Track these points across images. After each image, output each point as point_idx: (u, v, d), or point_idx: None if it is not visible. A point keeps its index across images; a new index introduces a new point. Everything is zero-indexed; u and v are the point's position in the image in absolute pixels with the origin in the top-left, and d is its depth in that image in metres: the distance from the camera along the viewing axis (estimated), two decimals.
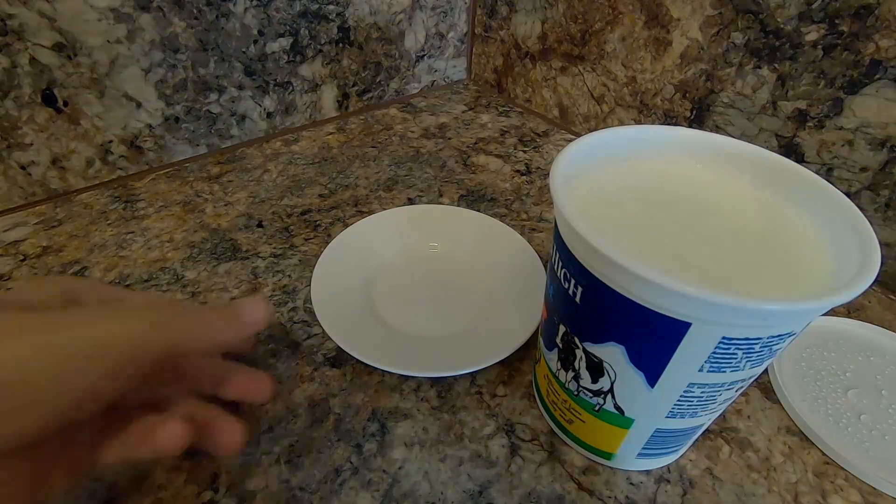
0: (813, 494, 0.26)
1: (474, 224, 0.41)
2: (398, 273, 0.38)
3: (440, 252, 0.40)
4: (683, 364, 0.19)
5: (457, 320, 0.34)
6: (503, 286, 0.36)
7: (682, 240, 0.21)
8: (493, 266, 0.38)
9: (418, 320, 0.34)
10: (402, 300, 0.36)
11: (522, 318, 0.33)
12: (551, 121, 0.59)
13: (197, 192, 0.46)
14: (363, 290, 0.36)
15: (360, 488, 0.26)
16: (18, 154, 0.41)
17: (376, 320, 0.34)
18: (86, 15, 0.39)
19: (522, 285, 0.35)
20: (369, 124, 0.57)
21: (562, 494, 0.26)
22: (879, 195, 0.37)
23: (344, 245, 0.38)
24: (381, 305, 0.35)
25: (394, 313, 0.35)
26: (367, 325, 0.33)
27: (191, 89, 0.47)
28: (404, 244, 0.40)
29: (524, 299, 0.34)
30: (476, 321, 0.34)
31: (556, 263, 0.22)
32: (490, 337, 0.32)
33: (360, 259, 0.38)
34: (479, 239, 0.40)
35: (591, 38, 0.51)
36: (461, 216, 0.42)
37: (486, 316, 0.34)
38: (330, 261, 0.36)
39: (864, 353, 0.33)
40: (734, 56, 0.41)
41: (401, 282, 0.37)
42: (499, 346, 0.31)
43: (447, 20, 0.61)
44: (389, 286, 0.37)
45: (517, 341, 0.31)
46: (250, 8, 0.46)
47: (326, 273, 0.35)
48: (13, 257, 0.38)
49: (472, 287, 0.37)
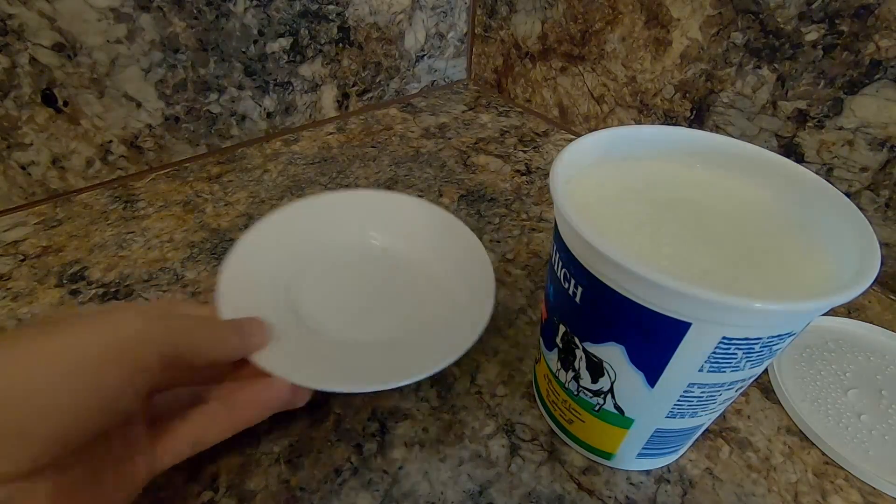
0: (813, 494, 0.26)
1: (420, 214, 0.36)
2: (330, 270, 0.33)
3: (379, 244, 0.36)
4: (683, 364, 0.19)
5: (397, 324, 0.31)
6: (450, 282, 0.33)
7: (681, 240, 0.21)
8: (439, 260, 0.34)
9: (352, 325, 0.30)
10: (332, 302, 0.31)
11: (471, 317, 0.29)
12: (551, 121, 0.59)
13: (197, 192, 0.46)
14: (285, 291, 0.31)
15: (360, 488, 0.26)
16: (18, 154, 0.41)
17: (300, 327, 0.29)
18: (86, 15, 0.39)
19: (471, 282, 0.32)
20: (369, 124, 0.57)
21: (562, 494, 0.26)
22: (879, 195, 0.37)
23: (262, 239, 0.33)
24: (307, 309, 0.30)
25: (322, 318, 0.30)
26: (288, 331, 0.28)
27: (191, 89, 0.47)
28: (338, 236, 0.35)
29: (472, 296, 0.31)
30: (421, 323, 0.31)
31: (556, 263, 0.22)
32: (436, 340, 0.29)
33: (281, 255, 0.33)
34: (426, 230, 0.36)
35: (591, 38, 0.51)
36: (407, 205, 0.37)
37: (432, 317, 0.31)
38: (243, 258, 0.31)
39: (864, 353, 0.33)
40: (734, 56, 0.41)
41: (333, 280, 0.33)
42: (445, 350, 0.27)
43: (447, 20, 0.61)
44: (318, 286, 0.32)
45: (465, 343, 0.27)
46: (250, 8, 0.46)
47: (238, 274, 0.30)
48: (13, 257, 0.38)
49: (417, 284, 0.33)
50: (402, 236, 0.36)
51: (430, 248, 0.35)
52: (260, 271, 0.31)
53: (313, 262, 0.34)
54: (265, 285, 0.30)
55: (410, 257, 0.35)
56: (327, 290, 0.32)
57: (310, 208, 0.35)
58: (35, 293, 0.36)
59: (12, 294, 0.35)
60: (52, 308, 0.35)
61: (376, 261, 0.35)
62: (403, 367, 0.26)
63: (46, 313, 0.34)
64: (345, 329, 0.30)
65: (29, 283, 0.36)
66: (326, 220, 0.35)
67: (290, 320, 0.29)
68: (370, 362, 0.28)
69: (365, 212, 0.37)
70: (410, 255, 0.35)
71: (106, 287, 0.36)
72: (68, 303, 0.35)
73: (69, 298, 0.35)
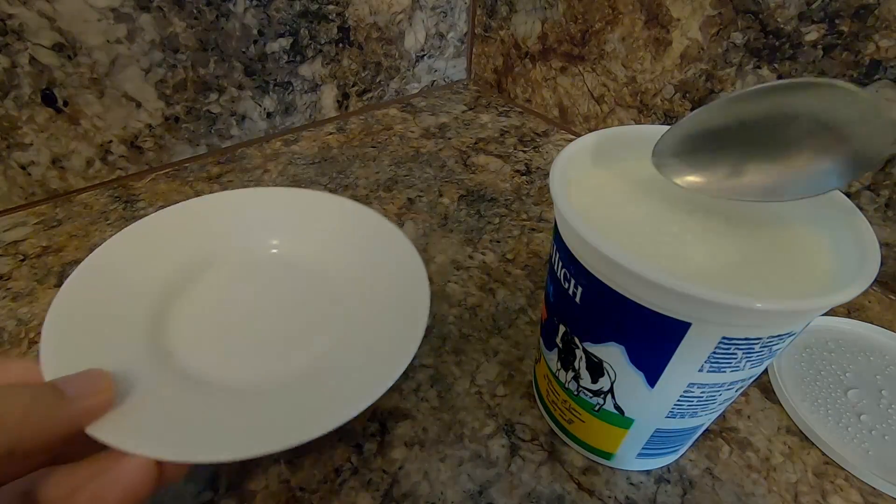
0: (813, 494, 0.26)
1: (339, 217, 0.30)
2: (212, 292, 0.26)
3: (281, 254, 0.29)
4: (683, 364, 0.19)
5: (297, 362, 0.24)
6: (371, 299, 0.26)
7: (681, 240, 0.21)
8: (358, 272, 0.28)
9: (239, 365, 0.24)
10: (213, 335, 0.25)
11: (395, 342, 0.24)
12: (551, 121, 0.59)
13: (197, 192, 0.46)
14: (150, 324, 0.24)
15: (360, 488, 0.26)
16: (18, 154, 0.41)
17: (165, 372, 0.22)
18: (86, 15, 0.39)
19: (401, 303, 0.26)
20: (369, 124, 0.57)
21: (562, 494, 0.26)
22: (879, 195, 0.37)
23: (115, 257, 0.25)
24: (179, 347, 0.24)
25: (199, 358, 0.23)
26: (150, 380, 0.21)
27: (191, 89, 0.47)
28: (226, 246, 0.28)
29: (398, 316, 0.25)
30: (331, 355, 0.25)
31: (556, 263, 0.22)
32: (347, 379, 0.23)
33: (144, 277, 0.25)
34: (345, 238, 0.29)
35: (591, 38, 0.51)
36: (322, 206, 0.30)
37: (343, 351, 0.25)
38: (84, 286, 0.23)
39: (864, 353, 0.33)
40: (734, 56, 0.41)
41: (216, 305, 0.26)
42: (360, 390, 0.22)
43: (447, 20, 0.61)
44: (196, 314, 0.25)
45: (386, 379, 0.22)
46: (250, 8, 0.46)
47: (77, 308, 0.23)
48: (13, 257, 0.38)
49: (327, 307, 0.27)
50: (312, 245, 0.29)
51: (348, 260, 0.28)
52: (111, 301, 0.24)
53: (191, 282, 0.26)
54: (119, 320, 0.23)
55: (321, 272, 0.28)
56: (207, 320, 0.25)
57: (188, 213, 0.28)
58: (35, 293, 0.36)
59: (12, 294, 0.35)
60: None
61: (276, 278, 0.28)
62: (300, 421, 0.21)
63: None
64: (229, 371, 0.23)
65: (29, 283, 0.36)
66: (213, 227, 0.28)
67: (153, 364, 0.22)
68: (262, 415, 0.21)
69: (265, 215, 0.30)
70: (322, 270, 0.28)
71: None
72: None
73: None
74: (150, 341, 0.23)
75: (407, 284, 0.26)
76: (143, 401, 0.20)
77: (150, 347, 0.23)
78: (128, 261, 0.26)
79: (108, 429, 0.18)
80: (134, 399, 0.20)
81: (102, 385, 0.19)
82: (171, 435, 0.19)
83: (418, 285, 0.26)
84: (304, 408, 0.22)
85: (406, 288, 0.26)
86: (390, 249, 0.28)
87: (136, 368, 0.21)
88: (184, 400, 0.21)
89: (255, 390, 0.23)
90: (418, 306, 0.25)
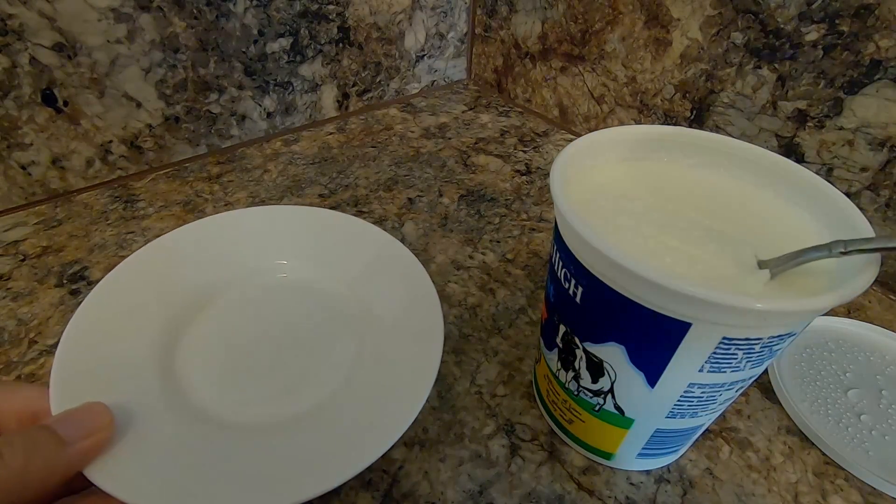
0: (813, 494, 0.26)
1: (349, 237, 0.29)
2: (222, 318, 0.25)
3: (291, 279, 0.28)
4: (683, 364, 0.19)
5: (312, 392, 0.23)
6: (386, 328, 0.25)
7: (681, 240, 0.21)
8: (370, 297, 0.27)
9: (250, 399, 0.23)
10: (220, 366, 0.24)
11: (409, 381, 0.22)
12: (551, 121, 0.59)
13: (197, 192, 0.46)
14: (161, 355, 0.23)
15: (360, 488, 0.26)
16: (18, 154, 0.41)
17: (176, 408, 0.22)
18: (86, 15, 0.39)
19: (414, 328, 0.24)
20: (369, 124, 0.57)
21: (562, 494, 0.26)
22: (879, 195, 0.37)
23: (127, 284, 0.25)
24: (189, 380, 0.23)
25: (209, 391, 0.23)
26: (157, 418, 0.21)
27: (191, 89, 0.47)
28: (235, 268, 0.27)
29: (414, 347, 0.24)
30: (343, 391, 0.23)
31: (556, 263, 0.22)
32: (362, 418, 0.22)
33: (157, 303, 0.25)
34: (355, 259, 0.28)
35: (591, 38, 0.51)
36: (330, 225, 0.29)
37: (359, 382, 0.24)
38: (95, 312, 0.23)
39: (864, 353, 0.33)
40: (734, 56, 0.41)
41: (225, 332, 0.25)
42: (375, 433, 0.21)
43: (447, 20, 0.61)
44: (206, 343, 0.24)
45: (402, 420, 0.21)
46: (250, 8, 0.46)
47: (88, 339, 0.22)
48: (13, 257, 0.38)
49: (339, 333, 0.26)
50: (322, 268, 0.28)
51: (360, 283, 0.27)
52: (122, 329, 0.23)
53: (200, 308, 0.26)
54: (129, 349, 0.23)
55: (331, 297, 0.27)
56: (216, 350, 0.24)
57: (196, 234, 0.27)
58: (35, 293, 0.36)
59: (12, 294, 0.35)
60: (53, 308, 0.35)
61: (285, 305, 0.27)
62: (320, 466, 0.20)
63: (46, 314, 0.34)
64: (240, 405, 0.22)
65: (29, 283, 0.36)
66: (222, 249, 0.27)
67: (160, 398, 0.22)
68: (272, 460, 0.20)
69: (273, 235, 0.28)
70: (331, 294, 0.27)
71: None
72: (68, 303, 0.35)
73: (69, 298, 0.35)
74: (159, 373, 0.23)
75: (418, 307, 0.25)
76: (146, 442, 0.20)
77: (158, 379, 0.23)
78: (140, 285, 0.25)
79: (105, 474, 0.18)
80: (135, 439, 0.19)
81: (101, 422, 0.19)
82: (171, 485, 0.19)
83: (431, 309, 0.25)
84: (319, 452, 0.20)
85: (417, 311, 0.25)
86: (401, 270, 0.27)
87: (142, 402, 0.21)
88: (188, 441, 0.21)
89: (263, 429, 0.22)
90: (432, 332, 0.24)
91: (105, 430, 0.19)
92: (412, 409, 0.21)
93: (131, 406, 0.21)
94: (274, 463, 0.20)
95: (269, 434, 0.22)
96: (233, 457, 0.20)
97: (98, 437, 0.18)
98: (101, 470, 0.18)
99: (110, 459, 0.19)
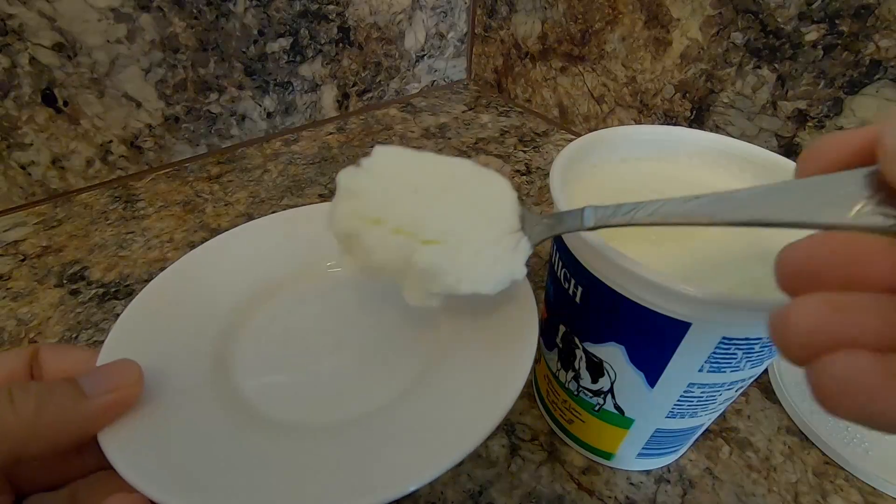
0: (813, 494, 0.26)
1: None
2: (273, 319, 0.24)
3: (344, 275, 0.25)
4: (683, 364, 0.19)
5: (378, 393, 0.21)
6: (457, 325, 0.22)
7: (681, 240, 0.21)
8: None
9: (301, 397, 0.21)
10: (276, 361, 0.22)
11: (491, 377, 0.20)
12: (551, 121, 0.59)
13: (197, 192, 0.46)
14: (217, 342, 0.22)
15: None
16: (18, 154, 0.41)
17: (220, 398, 0.20)
18: (86, 15, 0.39)
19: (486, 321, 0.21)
20: (369, 124, 0.57)
21: (562, 494, 0.26)
22: None
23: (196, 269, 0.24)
24: (241, 372, 0.22)
25: (260, 386, 0.21)
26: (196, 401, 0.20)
27: (191, 89, 0.47)
28: (278, 270, 0.26)
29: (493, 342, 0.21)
30: (408, 391, 0.21)
31: (556, 263, 0.22)
32: (434, 419, 0.19)
33: (222, 289, 0.24)
34: None
35: (591, 38, 0.51)
36: None
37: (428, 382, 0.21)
38: (139, 320, 0.22)
39: None
40: (734, 56, 0.41)
41: (285, 328, 0.24)
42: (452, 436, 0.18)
43: (447, 20, 0.61)
44: (264, 336, 0.23)
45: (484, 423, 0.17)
46: (250, 8, 0.46)
47: (150, 308, 0.22)
48: (13, 257, 0.38)
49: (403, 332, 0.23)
50: None
51: None
52: (182, 316, 0.23)
53: (262, 302, 0.25)
54: (188, 335, 0.22)
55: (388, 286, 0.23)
56: (274, 344, 0.23)
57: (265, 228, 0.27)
58: (35, 293, 0.36)
59: (12, 294, 0.35)
60: (52, 308, 0.35)
61: (337, 298, 0.25)
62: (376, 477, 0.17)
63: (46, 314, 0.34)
64: (289, 405, 0.20)
65: (29, 283, 0.36)
66: (291, 243, 0.26)
67: (207, 389, 0.20)
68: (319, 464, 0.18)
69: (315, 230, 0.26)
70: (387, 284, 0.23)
71: (106, 287, 0.36)
72: (68, 303, 0.35)
73: (69, 298, 0.35)
74: (215, 362, 0.22)
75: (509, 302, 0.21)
76: (169, 422, 0.18)
77: (212, 368, 0.21)
78: (204, 276, 0.25)
79: (116, 444, 0.16)
80: (161, 416, 0.18)
81: (127, 378, 0.17)
82: (181, 472, 0.17)
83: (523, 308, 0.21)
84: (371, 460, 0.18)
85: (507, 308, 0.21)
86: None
87: (185, 383, 0.20)
88: (233, 439, 0.19)
89: (313, 429, 0.20)
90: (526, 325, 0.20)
91: (130, 387, 0.17)
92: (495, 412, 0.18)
93: (173, 385, 0.19)
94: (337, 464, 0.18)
95: (323, 434, 0.20)
96: (262, 455, 0.18)
97: (122, 393, 0.17)
98: (114, 439, 0.17)
99: (128, 430, 0.17)
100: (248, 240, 0.27)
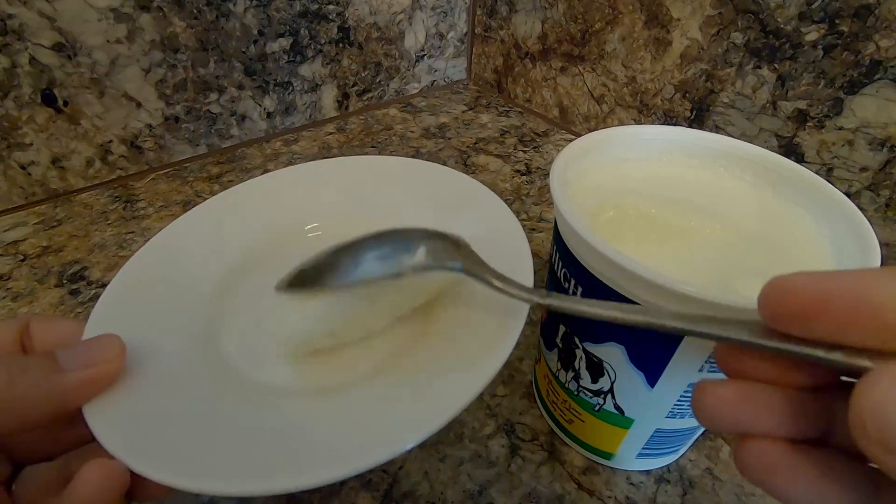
0: None
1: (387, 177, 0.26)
2: (256, 287, 0.23)
3: (323, 237, 0.25)
4: (683, 364, 0.19)
5: (369, 356, 0.20)
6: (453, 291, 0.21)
7: (681, 240, 0.21)
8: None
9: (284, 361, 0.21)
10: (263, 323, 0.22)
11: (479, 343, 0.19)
12: (551, 121, 0.59)
13: (197, 192, 0.46)
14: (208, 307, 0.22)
15: (360, 488, 0.26)
16: (18, 154, 0.41)
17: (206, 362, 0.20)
18: (86, 15, 0.39)
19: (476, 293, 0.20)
20: (369, 124, 0.57)
21: (562, 494, 0.26)
22: (879, 195, 0.37)
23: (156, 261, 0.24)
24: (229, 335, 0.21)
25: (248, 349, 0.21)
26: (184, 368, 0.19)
27: (191, 89, 0.47)
28: (259, 237, 0.25)
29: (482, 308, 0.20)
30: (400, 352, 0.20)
31: (556, 263, 0.22)
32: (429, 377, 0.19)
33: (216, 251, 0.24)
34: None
35: (591, 38, 0.51)
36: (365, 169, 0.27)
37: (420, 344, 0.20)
38: (121, 295, 0.22)
39: None
40: (734, 56, 0.41)
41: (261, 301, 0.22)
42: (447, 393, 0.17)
43: (447, 20, 0.61)
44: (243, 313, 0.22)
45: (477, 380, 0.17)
46: (250, 8, 0.46)
47: (136, 279, 0.22)
48: (13, 257, 0.38)
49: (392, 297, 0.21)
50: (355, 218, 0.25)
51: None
52: (171, 282, 0.22)
53: (249, 267, 0.24)
54: (180, 296, 0.22)
55: None
56: (259, 311, 0.22)
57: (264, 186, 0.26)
58: (35, 293, 0.36)
59: (12, 294, 0.35)
60: (52, 308, 0.35)
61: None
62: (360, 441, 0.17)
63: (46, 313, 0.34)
64: (277, 371, 0.20)
65: (29, 283, 0.36)
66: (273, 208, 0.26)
67: (196, 356, 0.20)
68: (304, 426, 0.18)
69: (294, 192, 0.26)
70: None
71: (106, 287, 0.36)
72: (68, 303, 0.35)
73: (69, 298, 0.35)
74: (199, 334, 0.21)
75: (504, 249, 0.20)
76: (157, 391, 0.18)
77: (196, 338, 0.21)
78: (187, 247, 0.24)
79: (99, 416, 0.16)
80: (149, 387, 0.17)
81: (107, 354, 0.17)
82: (166, 437, 0.16)
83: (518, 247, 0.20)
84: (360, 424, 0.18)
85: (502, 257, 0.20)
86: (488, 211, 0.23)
87: (174, 363, 0.19)
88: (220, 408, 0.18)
89: (304, 394, 0.19)
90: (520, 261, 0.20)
91: (110, 362, 0.17)
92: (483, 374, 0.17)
93: (159, 356, 0.19)
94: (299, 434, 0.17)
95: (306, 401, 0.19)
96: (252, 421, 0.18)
97: (101, 368, 0.16)
98: (98, 411, 0.16)
99: (112, 403, 0.17)
100: (226, 209, 0.26)
